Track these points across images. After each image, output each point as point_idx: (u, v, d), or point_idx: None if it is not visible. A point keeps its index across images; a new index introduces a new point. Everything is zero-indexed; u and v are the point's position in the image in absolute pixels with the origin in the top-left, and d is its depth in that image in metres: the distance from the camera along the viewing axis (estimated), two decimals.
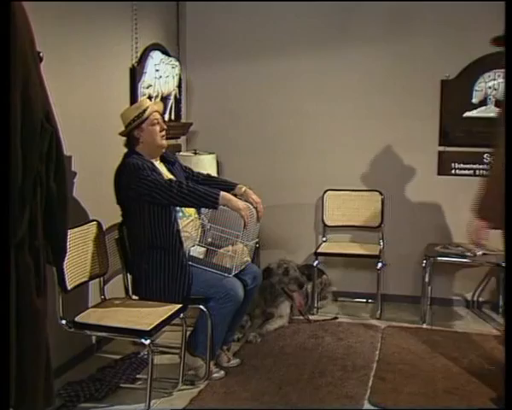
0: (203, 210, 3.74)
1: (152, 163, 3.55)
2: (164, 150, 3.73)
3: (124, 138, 3.63)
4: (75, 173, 3.68)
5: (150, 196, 3.38)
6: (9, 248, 2.18)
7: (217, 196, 3.36)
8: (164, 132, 3.67)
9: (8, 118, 2.08)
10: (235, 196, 3.61)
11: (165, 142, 3.69)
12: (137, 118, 3.56)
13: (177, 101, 4.98)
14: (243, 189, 3.75)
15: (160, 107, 3.82)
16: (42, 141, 2.22)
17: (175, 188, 3.34)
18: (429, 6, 4.85)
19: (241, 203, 3.44)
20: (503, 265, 4.35)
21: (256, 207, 3.64)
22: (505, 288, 3.25)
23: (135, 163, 3.43)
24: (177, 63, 4.85)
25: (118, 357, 3.88)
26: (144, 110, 3.58)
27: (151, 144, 3.61)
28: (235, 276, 3.57)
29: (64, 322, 3.22)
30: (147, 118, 3.57)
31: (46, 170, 2.28)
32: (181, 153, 5.02)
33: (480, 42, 4.71)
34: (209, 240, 3.76)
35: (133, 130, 3.57)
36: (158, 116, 3.66)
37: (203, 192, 3.37)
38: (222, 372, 3.67)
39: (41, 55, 2.29)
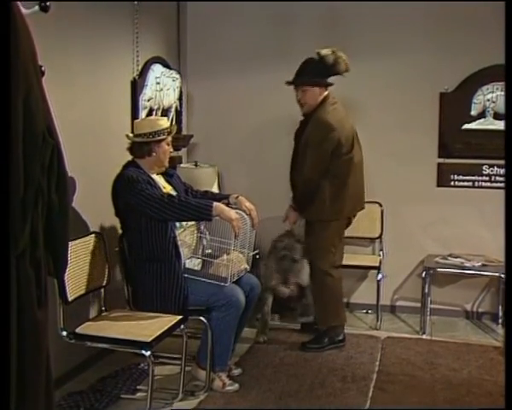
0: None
1: (149, 176, 3.58)
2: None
3: (127, 141, 3.67)
4: (76, 184, 3.71)
5: (144, 212, 3.43)
6: (11, 259, 2.20)
7: (210, 208, 3.39)
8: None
9: (9, 131, 2.10)
10: (229, 204, 3.66)
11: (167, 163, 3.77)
12: (160, 133, 3.60)
13: (178, 113, 5.01)
14: (236, 197, 3.79)
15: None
16: (43, 154, 2.23)
17: (167, 204, 3.38)
18: (428, 18, 4.91)
19: (233, 214, 3.46)
20: (502, 276, 4.39)
21: (250, 215, 3.68)
22: (505, 298, 3.28)
23: (130, 176, 3.47)
24: (177, 76, 4.89)
25: (118, 368, 3.88)
26: (169, 130, 3.67)
27: (159, 161, 3.67)
28: (235, 283, 3.60)
29: (65, 333, 3.23)
30: (166, 137, 3.65)
31: (48, 182, 2.30)
32: (182, 165, 5.05)
33: (478, 55, 4.78)
34: (209, 251, 3.79)
35: (151, 142, 3.60)
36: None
37: (196, 205, 3.41)
38: (236, 385, 3.66)
39: (43, 68, 2.32)
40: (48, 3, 2.29)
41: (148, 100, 4.45)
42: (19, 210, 2.19)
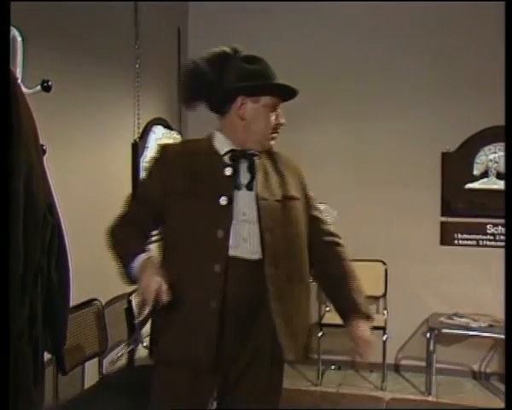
0: None
1: None
2: None
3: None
4: (75, 249, 3.67)
5: None
6: (9, 340, 2.15)
7: None
8: None
9: (10, 212, 2.08)
10: None
11: None
12: None
13: None
14: None
15: None
16: (44, 233, 2.21)
17: None
18: (430, 78, 4.94)
19: None
20: None
21: None
22: (506, 360, 3.08)
23: None
24: (178, 136, 4.90)
25: None
26: None
27: None
28: None
29: None
30: None
31: (48, 261, 2.27)
32: None
33: (479, 115, 4.80)
34: None
35: None
36: None
37: None
38: None
39: (44, 147, 2.31)
40: (50, 83, 2.28)
41: None
42: (18, 292, 2.16)
